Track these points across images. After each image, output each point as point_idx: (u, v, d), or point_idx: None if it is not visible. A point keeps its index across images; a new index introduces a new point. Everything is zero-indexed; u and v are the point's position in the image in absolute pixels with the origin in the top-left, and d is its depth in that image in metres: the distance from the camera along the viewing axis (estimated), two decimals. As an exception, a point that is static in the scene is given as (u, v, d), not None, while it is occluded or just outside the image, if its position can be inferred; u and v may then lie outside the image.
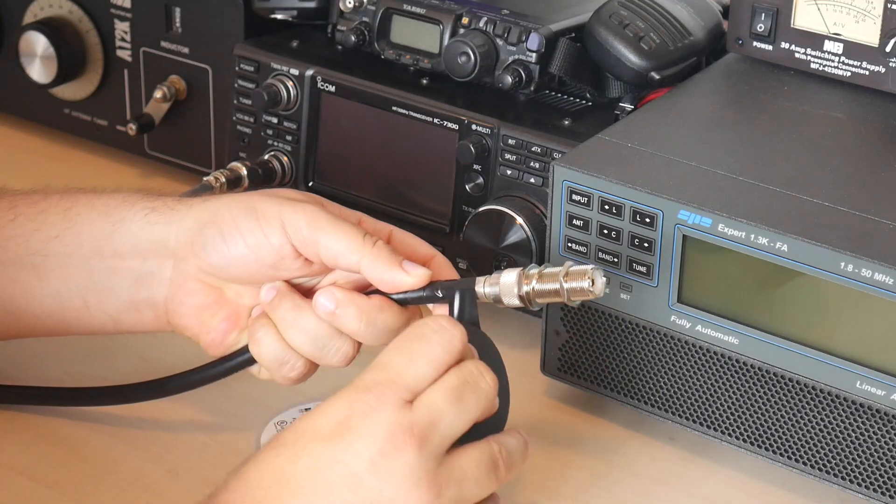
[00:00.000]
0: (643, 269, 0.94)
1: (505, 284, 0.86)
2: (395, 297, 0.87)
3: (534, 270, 0.86)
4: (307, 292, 0.90)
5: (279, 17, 1.18)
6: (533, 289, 0.86)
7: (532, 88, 1.08)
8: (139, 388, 0.97)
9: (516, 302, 0.87)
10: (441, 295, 0.87)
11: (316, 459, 0.76)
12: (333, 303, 0.87)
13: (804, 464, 0.92)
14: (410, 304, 0.88)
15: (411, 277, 0.86)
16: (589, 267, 0.85)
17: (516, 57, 1.07)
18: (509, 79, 1.07)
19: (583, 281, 0.85)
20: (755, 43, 1.06)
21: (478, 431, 0.80)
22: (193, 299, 0.91)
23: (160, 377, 0.97)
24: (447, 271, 0.90)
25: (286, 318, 0.88)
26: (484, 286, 0.87)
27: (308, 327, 0.88)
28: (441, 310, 0.87)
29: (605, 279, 0.85)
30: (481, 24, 1.08)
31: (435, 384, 0.78)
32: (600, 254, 0.95)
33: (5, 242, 0.93)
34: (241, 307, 0.91)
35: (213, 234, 0.89)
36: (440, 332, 0.80)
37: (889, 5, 1.00)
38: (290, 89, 1.14)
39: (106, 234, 0.92)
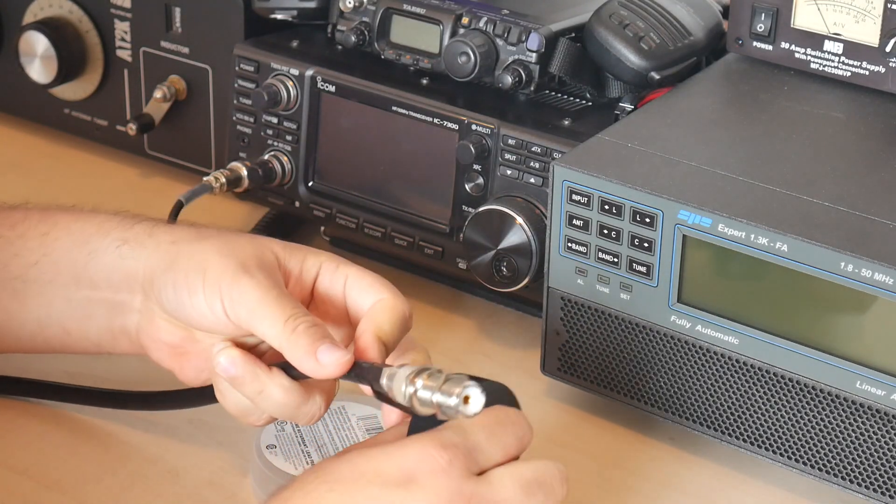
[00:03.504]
0: (643, 269, 0.94)
1: (397, 381, 0.80)
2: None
3: (426, 372, 0.78)
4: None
5: (279, 17, 1.18)
6: (416, 392, 0.78)
7: (532, 88, 1.08)
8: (130, 397, 0.98)
9: (405, 403, 0.79)
10: (359, 378, 0.83)
11: (373, 502, 0.75)
12: (233, 369, 0.85)
13: (804, 464, 0.92)
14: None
15: (326, 368, 0.82)
16: (467, 382, 0.76)
17: (516, 57, 1.07)
18: (509, 79, 1.07)
19: (451, 398, 0.76)
20: (755, 43, 1.06)
21: None
22: (162, 336, 0.90)
23: (149, 391, 0.97)
24: (387, 316, 0.86)
25: (250, 392, 0.85)
26: (385, 377, 0.81)
27: (276, 398, 0.85)
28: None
29: (482, 398, 0.76)
30: (481, 24, 1.08)
31: (509, 467, 0.78)
32: (600, 254, 0.95)
33: None
34: (210, 348, 0.89)
35: (167, 282, 0.87)
36: (519, 425, 0.80)
37: (889, 5, 1.00)
38: (290, 89, 1.14)
39: (81, 265, 0.91)
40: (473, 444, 0.77)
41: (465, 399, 0.76)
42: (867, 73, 1.03)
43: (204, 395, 0.92)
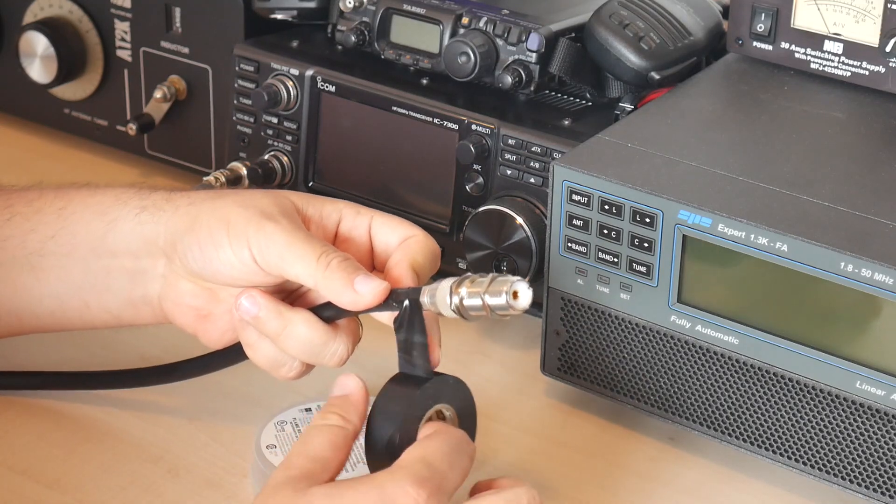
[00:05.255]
0: (643, 269, 0.94)
1: (440, 294, 0.83)
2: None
3: (468, 279, 0.82)
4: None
5: (279, 17, 1.18)
6: (462, 300, 0.82)
7: (532, 88, 1.08)
8: (144, 373, 0.99)
9: (452, 314, 0.83)
10: (395, 306, 0.85)
11: None
12: (255, 308, 0.87)
13: (804, 464, 0.92)
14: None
15: (365, 297, 0.85)
16: (512, 279, 0.81)
17: (516, 57, 1.07)
18: (509, 79, 1.07)
19: (500, 297, 0.80)
20: (755, 43, 1.06)
21: None
22: (186, 299, 0.91)
23: (167, 363, 0.98)
24: (421, 249, 0.89)
25: (274, 330, 0.88)
26: (426, 296, 0.84)
27: (300, 335, 0.87)
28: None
29: (530, 291, 0.80)
30: (481, 24, 1.08)
31: (484, 498, 0.80)
32: (600, 254, 0.95)
33: (2, 243, 0.93)
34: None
35: (191, 242, 0.89)
36: (468, 444, 0.82)
37: (889, 5, 1.00)
38: (290, 89, 1.14)
39: (100, 235, 0.92)
40: (441, 475, 0.78)
41: (514, 295, 0.80)
42: (867, 73, 1.03)
43: (229, 355, 0.94)
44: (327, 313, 0.88)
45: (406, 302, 0.84)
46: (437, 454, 0.79)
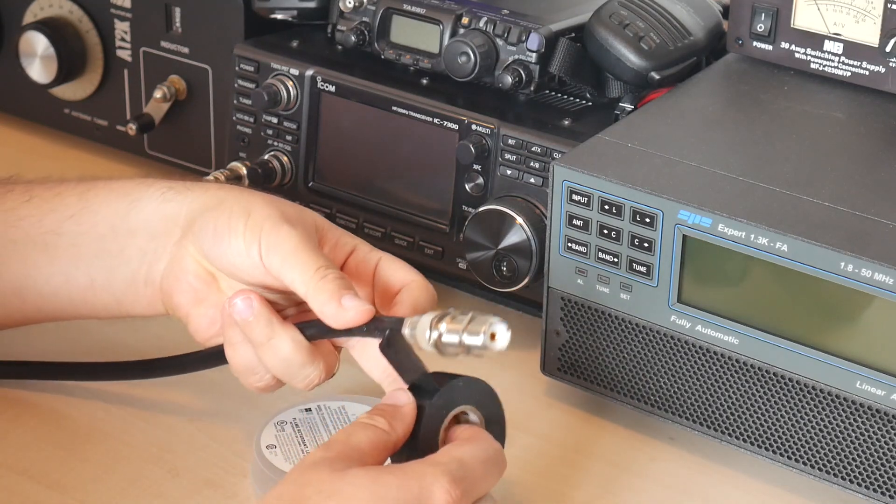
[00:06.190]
0: (643, 269, 0.94)
1: (420, 327, 0.82)
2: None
3: (448, 316, 0.81)
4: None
5: (279, 17, 1.18)
6: (440, 336, 0.81)
7: (532, 88, 1.08)
8: (125, 367, 0.99)
9: (430, 348, 0.82)
10: (377, 333, 0.84)
11: None
12: (249, 311, 0.88)
13: (804, 464, 0.92)
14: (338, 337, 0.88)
15: (348, 313, 0.85)
16: (492, 319, 0.80)
17: (516, 57, 1.07)
18: (509, 79, 1.07)
19: (477, 336, 0.79)
20: (755, 43, 1.06)
21: None
22: (188, 277, 0.92)
23: (150, 358, 0.99)
24: (424, 295, 0.90)
25: (259, 338, 0.88)
26: (407, 327, 0.83)
27: (283, 350, 0.88)
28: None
29: (509, 333, 0.80)
30: (481, 24, 1.08)
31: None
32: (600, 254, 0.95)
33: (18, 222, 0.94)
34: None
35: (209, 221, 0.90)
36: (503, 462, 0.83)
37: (889, 5, 1.00)
38: (290, 89, 1.14)
39: (122, 213, 0.93)
40: (473, 480, 0.79)
41: (492, 336, 0.79)
42: (867, 73, 1.03)
43: (212, 357, 0.94)
44: (310, 331, 0.88)
45: (388, 331, 0.84)
46: (473, 460, 0.80)
